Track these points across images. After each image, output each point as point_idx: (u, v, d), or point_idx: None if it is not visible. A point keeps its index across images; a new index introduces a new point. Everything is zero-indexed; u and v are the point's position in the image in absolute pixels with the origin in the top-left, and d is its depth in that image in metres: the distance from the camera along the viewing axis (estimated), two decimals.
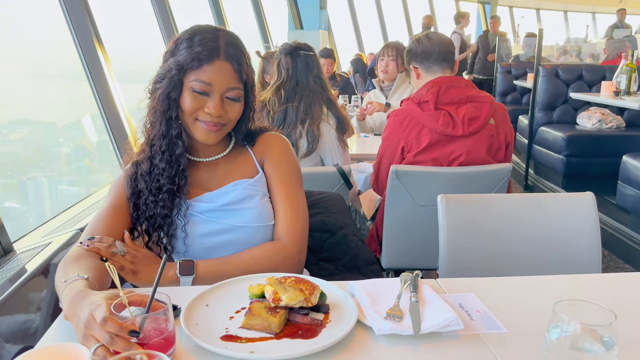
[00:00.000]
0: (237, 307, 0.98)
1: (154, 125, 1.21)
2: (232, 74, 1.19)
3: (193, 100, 1.17)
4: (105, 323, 0.77)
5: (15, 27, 2.54)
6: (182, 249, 1.25)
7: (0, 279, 1.41)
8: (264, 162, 1.32)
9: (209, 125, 1.19)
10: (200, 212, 1.24)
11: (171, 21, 3.71)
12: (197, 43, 1.16)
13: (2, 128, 2.64)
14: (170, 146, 1.20)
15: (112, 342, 0.77)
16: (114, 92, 2.71)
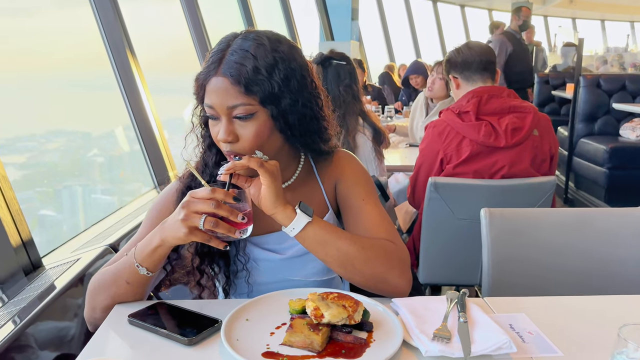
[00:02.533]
0: (277, 323, 0.96)
1: (206, 154, 1.12)
2: (229, 89, 0.98)
3: (212, 128, 1.04)
4: (214, 192, 0.92)
5: (51, 40, 2.60)
6: (245, 288, 1.16)
7: (30, 296, 1.40)
8: (337, 185, 1.18)
9: (228, 155, 1.03)
10: (260, 259, 1.14)
11: (204, 33, 3.75)
12: (208, 59, 1.03)
13: (40, 138, 2.69)
14: (212, 178, 1.09)
15: (218, 207, 0.92)
16: (145, 103, 2.74)
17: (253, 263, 1.14)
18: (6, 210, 1.61)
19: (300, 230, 1.01)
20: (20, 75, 2.38)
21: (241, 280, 1.15)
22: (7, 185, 1.65)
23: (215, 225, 0.91)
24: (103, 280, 1.05)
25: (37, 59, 2.49)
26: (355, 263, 1.03)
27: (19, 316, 1.26)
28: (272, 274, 1.15)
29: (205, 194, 0.92)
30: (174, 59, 3.96)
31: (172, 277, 1.15)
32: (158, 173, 2.79)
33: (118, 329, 0.97)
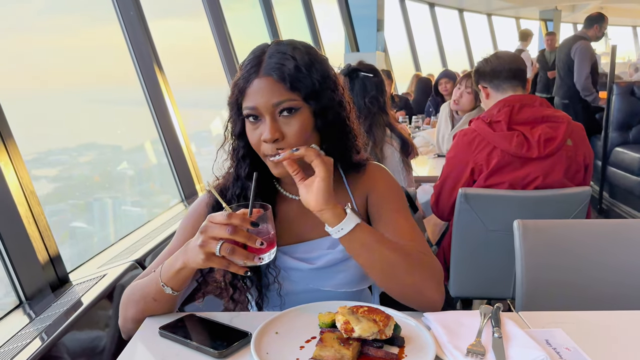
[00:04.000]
0: (307, 336, 0.95)
1: (232, 166, 1.13)
2: (274, 86, 1.00)
3: (252, 132, 1.04)
4: (231, 216, 0.89)
5: (83, 56, 2.68)
6: (277, 301, 1.14)
7: (57, 312, 1.41)
8: (369, 197, 1.17)
9: (274, 156, 1.02)
10: (290, 268, 1.13)
11: (230, 47, 3.79)
12: (243, 67, 1.05)
13: (72, 151, 2.76)
14: (244, 190, 1.10)
15: (235, 232, 0.88)
16: (173, 117, 2.79)
17: (283, 272, 1.13)
18: (34, 226, 1.63)
19: (348, 232, 0.98)
20: (54, 91, 2.46)
21: (273, 293, 1.14)
22: (35, 200, 1.67)
23: (231, 252, 0.89)
24: (132, 295, 1.07)
25: (69, 76, 2.56)
26: (397, 271, 1.00)
27: (46, 333, 1.27)
28: (302, 284, 1.14)
29: (222, 219, 0.89)
30: (201, 73, 4.03)
31: (205, 290, 1.15)
32: (185, 186, 2.83)
33: (149, 341, 0.98)
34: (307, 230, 1.15)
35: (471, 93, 3.07)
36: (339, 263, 1.12)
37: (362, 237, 0.99)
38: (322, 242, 1.14)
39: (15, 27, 2.27)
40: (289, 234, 1.14)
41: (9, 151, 1.61)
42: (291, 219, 1.15)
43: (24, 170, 1.66)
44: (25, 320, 1.44)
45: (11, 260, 1.57)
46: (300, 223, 1.15)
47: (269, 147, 1.02)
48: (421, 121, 4.10)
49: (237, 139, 1.10)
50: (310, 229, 1.14)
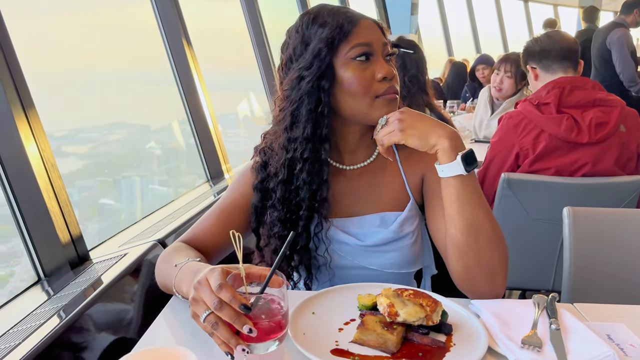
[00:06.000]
0: (345, 318, 0.89)
1: (296, 127, 1.03)
2: (378, 29, 1.04)
3: (361, 72, 0.99)
4: (221, 290, 0.73)
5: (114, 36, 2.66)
6: (327, 276, 1.09)
7: (75, 291, 1.38)
8: (426, 176, 1.11)
9: (390, 93, 1.00)
10: (338, 241, 1.08)
11: (261, 29, 3.73)
12: (329, 15, 1.02)
13: (102, 129, 2.76)
14: (315, 151, 1.03)
15: (221, 309, 0.72)
16: (201, 98, 2.76)
17: (334, 245, 1.08)
18: (54, 201, 1.58)
19: (452, 176, 0.94)
20: (85, 70, 2.44)
21: (323, 267, 1.09)
22: (56, 174, 1.62)
23: (214, 327, 0.73)
24: (159, 272, 1.05)
25: (100, 55, 2.55)
26: (480, 239, 0.95)
27: (64, 311, 1.24)
28: (348, 259, 1.09)
29: (213, 285, 0.74)
30: (229, 55, 3.99)
31: None
32: (211, 167, 2.80)
33: (179, 314, 0.94)
34: (357, 204, 1.10)
35: (511, 77, 2.95)
36: (389, 242, 1.07)
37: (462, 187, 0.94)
38: (372, 218, 1.09)
39: (52, 9, 2.26)
40: (337, 206, 1.09)
41: (30, 122, 1.57)
42: (340, 191, 1.10)
43: (45, 142, 1.61)
44: (43, 297, 1.41)
45: (30, 235, 1.54)
46: (349, 196, 1.10)
47: (384, 84, 1.00)
48: (456, 106, 3.97)
49: (324, 91, 1.00)
50: (361, 203, 1.10)
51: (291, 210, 1.05)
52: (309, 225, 1.06)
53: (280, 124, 1.05)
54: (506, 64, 2.99)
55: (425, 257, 1.16)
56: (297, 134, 1.03)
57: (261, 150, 1.12)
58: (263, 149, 1.11)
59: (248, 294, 0.77)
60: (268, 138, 1.11)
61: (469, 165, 0.93)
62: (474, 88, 4.49)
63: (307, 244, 1.06)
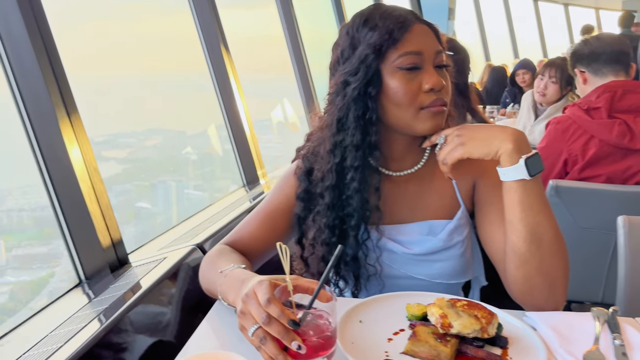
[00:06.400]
0: (394, 328, 0.86)
1: (343, 133, 1.00)
2: (433, 36, 0.99)
3: (408, 82, 0.95)
4: (269, 304, 0.72)
5: (153, 44, 2.71)
6: (377, 287, 1.06)
7: (115, 295, 1.39)
8: (477, 183, 1.07)
9: (436, 105, 0.96)
10: (386, 249, 1.05)
11: (298, 36, 3.75)
12: (381, 18, 0.97)
13: (139, 135, 2.81)
14: (365, 159, 1.00)
15: (269, 323, 0.71)
16: (239, 104, 2.78)
17: (381, 256, 1.05)
18: (96, 204, 1.60)
19: (514, 180, 0.91)
20: (124, 76, 2.49)
21: (373, 277, 1.06)
22: (98, 178, 1.64)
23: (262, 342, 0.72)
24: (203, 277, 1.04)
25: (139, 62, 2.60)
26: (543, 247, 0.92)
27: (104, 315, 1.25)
28: (394, 268, 1.06)
29: (261, 299, 0.73)
30: (263, 62, 4.03)
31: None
32: (247, 172, 2.82)
33: (224, 319, 0.93)
34: (404, 211, 1.07)
35: (556, 83, 2.87)
36: (438, 252, 1.03)
37: (525, 192, 0.91)
38: (420, 226, 1.06)
39: (96, 16, 2.32)
40: (388, 214, 1.06)
41: (74, 127, 1.60)
42: (389, 198, 1.07)
43: (88, 147, 1.64)
44: (84, 300, 1.43)
45: (72, 238, 1.56)
46: (395, 203, 1.07)
47: (431, 96, 0.96)
48: (496, 112, 3.90)
49: (370, 97, 0.97)
50: (408, 210, 1.07)
51: (340, 217, 1.02)
52: (357, 233, 1.03)
53: (327, 128, 1.03)
54: (551, 69, 2.91)
55: (475, 268, 1.12)
56: (345, 141, 1.00)
57: (304, 157, 1.09)
58: (306, 155, 1.08)
59: (295, 308, 0.76)
60: (313, 141, 1.09)
61: (533, 170, 0.90)
62: (514, 93, 4.40)
63: (356, 254, 1.03)
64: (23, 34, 1.51)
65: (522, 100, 3.19)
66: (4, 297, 1.64)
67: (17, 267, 1.74)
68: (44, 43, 1.54)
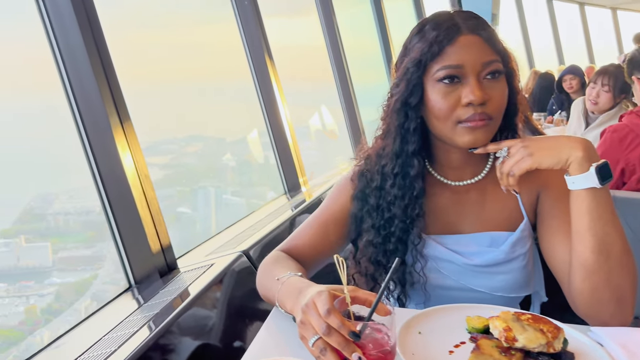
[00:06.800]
0: (455, 340, 0.85)
1: (387, 143, 1.04)
2: (482, 46, 0.96)
3: (445, 96, 0.95)
4: (329, 315, 0.73)
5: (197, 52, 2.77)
6: (421, 297, 1.06)
7: (164, 300, 1.42)
8: (542, 194, 1.05)
9: (474, 120, 0.94)
10: (442, 259, 1.04)
11: (339, 44, 3.77)
12: (429, 30, 0.98)
13: (181, 142, 2.88)
14: (404, 167, 1.02)
15: (329, 334, 0.73)
16: (281, 111, 2.81)
17: (432, 263, 1.05)
18: (147, 211, 1.65)
19: (584, 189, 0.90)
20: (166, 83, 2.56)
21: (418, 287, 1.06)
22: (149, 185, 1.70)
23: (322, 352, 0.74)
24: (261, 283, 1.06)
25: (180, 70, 2.67)
26: (611, 259, 0.90)
27: (154, 322, 1.27)
28: (453, 279, 1.05)
29: (321, 310, 0.75)
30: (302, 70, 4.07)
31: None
32: (289, 179, 2.84)
33: (281, 325, 0.94)
34: (464, 221, 1.06)
35: (609, 91, 2.80)
36: (500, 264, 1.02)
37: (594, 201, 0.90)
38: (482, 237, 1.05)
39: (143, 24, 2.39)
40: (441, 222, 1.06)
41: (127, 135, 1.65)
42: (444, 206, 1.07)
43: (139, 154, 1.69)
44: (134, 305, 1.47)
45: (123, 243, 1.62)
46: (455, 212, 1.07)
47: (469, 110, 0.95)
48: (543, 119, 3.82)
49: (411, 108, 1.00)
50: (468, 221, 1.06)
51: (385, 219, 1.04)
52: (404, 238, 1.03)
53: (377, 131, 1.07)
54: (603, 77, 2.84)
55: (536, 282, 1.10)
56: (387, 149, 1.04)
57: (367, 157, 1.11)
58: (365, 157, 1.11)
59: (354, 320, 0.77)
60: (372, 144, 1.12)
61: (603, 178, 0.88)
62: (562, 100, 4.30)
63: (402, 257, 1.04)
64: (80, 44, 1.57)
65: (572, 107, 3.12)
66: (51, 298, 1.70)
67: (63, 268, 1.79)
68: (99, 53, 1.60)
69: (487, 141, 0.98)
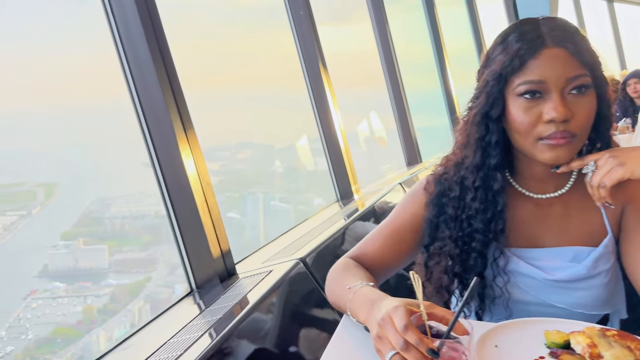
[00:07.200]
0: (533, 355, 0.84)
1: (467, 155, 1.03)
2: (568, 60, 0.92)
3: (525, 111, 0.94)
4: (407, 331, 0.74)
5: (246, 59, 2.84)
6: (503, 313, 1.04)
7: (226, 306, 1.45)
8: (627, 209, 1.03)
9: (555, 138, 0.92)
10: (521, 274, 1.03)
11: (392, 51, 3.77)
12: (512, 42, 0.96)
13: (231, 149, 2.94)
14: (486, 180, 1.01)
15: (407, 350, 0.73)
16: (334, 118, 2.83)
17: (512, 278, 1.04)
18: (208, 217, 1.70)
19: None
20: (219, 90, 2.63)
21: (500, 303, 1.04)
22: (210, 191, 1.74)
23: None
24: (331, 290, 1.06)
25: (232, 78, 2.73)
26: None
27: (215, 328, 1.30)
28: (531, 295, 1.03)
29: (398, 325, 0.75)
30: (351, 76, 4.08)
31: None
32: (341, 186, 2.85)
33: (354, 334, 0.95)
34: (547, 235, 1.05)
35: None
36: (581, 280, 1.00)
37: None
38: (564, 251, 1.03)
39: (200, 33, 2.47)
40: (521, 235, 1.04)
41: (190, 142, 1.70)
42: (525, 219, 1.05)
43: (202, 161, 1.74)
44: (195, 310, 1.50)
45: (186, 248, 1.67)
46: (537, 225, 1.05)
47: (551, 127, 0.92)
48: None
49: (492, 121, 0.99)
50: (550, 234, 1.04)
51: (467, 233, 1.03)
52: (484, 251, 1.02)
53: (455, 143, 1.06)
54: None
55: (617, 300, 1.06)
56: (467, 161, 1.03)
57: (445, 165, 1.10)
58: (447, 163, 1.10)
59: (430, 337, 0.77)
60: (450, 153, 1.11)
61: None
62: (625, 106, 4.15)
63: (482, 271, 1.02)
64: (147, 56, 1.64)
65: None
66: (106, 299, 1.76)
67: (118, 270, 1.85)
68: (164, 64, 1.67)
69: (570, 159, 0.96)
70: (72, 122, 1.78)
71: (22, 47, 1.62)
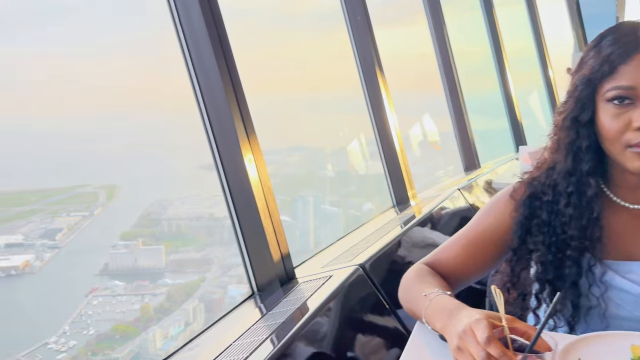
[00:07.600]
0: None
1: (558, 159, 1.02)
2: None
3: (614, 118, 0.93)
4: (489, 344, 0.74)
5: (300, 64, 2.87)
6: (599, 325, 1.01)
7: (287, 310, 1.47)
8: None
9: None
10: (616, 288, 1.00)
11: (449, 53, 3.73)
12: (606, 45, 0.95)
13: (283, 152, 2.98)
14: (579, 186, 0.99)
15: None
16: (390, 122, 2.82)
17: (608, 292, 1.01)
18: (269, 221, 1.73)
19: None
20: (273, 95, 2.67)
21: (595, 314, 1.02)
22: (271, 196, 1.78)
23: None
24: (405, 297, 1.06)
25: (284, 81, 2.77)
26: None
27: (277, 334, 1.32)
28: (626, 310, 1.00)
29: (480, 338, 0.75)
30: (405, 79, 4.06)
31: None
32: (397, 191, 2.83)
33: (429, 342, 0.95)
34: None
35: None
36: None
37: None
38: None
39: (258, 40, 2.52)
40: (616, 247, 1.01)
41: (252, 147, 1.74)
42: (622, 231, 1.02)
43: (263, 167, 1.78)
44: (257, 314, 1.53)
45: (248, 250, 1.70)
46: (633, 237, 1.02)
47: (639, 135, 0.91)
48: None
49: (582, 126, 0.98)
50: None
51: (558, 237, 1.01)
52: (579, 259, 1.00)
53: (547, 148, 1.05)
54: None
55: None
56: (559, 166, 1.01)
57: (537, 168, 1.08)
58: (539, 166, 1.08)
59: (513, 352, 0.76)
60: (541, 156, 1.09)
61: None
62: None
63: (576, 280, 1.00)
64: (212, 62, 1.69)
65: None
66: (163, 297, 1.81)
67: (174, 270, 1.91)
68: (228, 71, 1.71)
69: None
70: (134, 125, 1.86)
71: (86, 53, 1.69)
